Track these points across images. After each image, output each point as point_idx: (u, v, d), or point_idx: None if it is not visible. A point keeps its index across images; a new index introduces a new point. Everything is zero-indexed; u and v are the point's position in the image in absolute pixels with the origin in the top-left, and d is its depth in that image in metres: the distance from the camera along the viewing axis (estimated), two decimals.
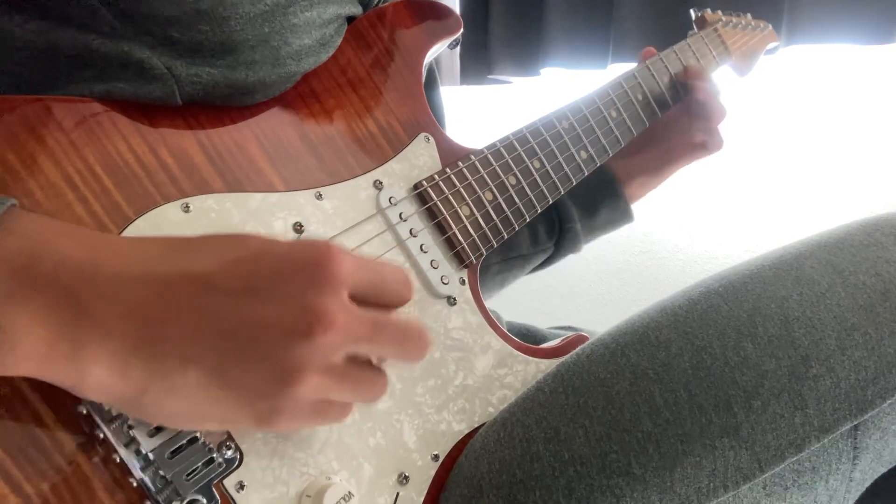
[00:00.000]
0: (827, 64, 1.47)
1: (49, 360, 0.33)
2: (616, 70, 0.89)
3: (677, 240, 1.58)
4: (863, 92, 1.45)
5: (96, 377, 0.33)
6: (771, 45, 1.03)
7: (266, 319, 0.34)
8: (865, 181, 1.42)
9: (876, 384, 0.46)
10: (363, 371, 0.39)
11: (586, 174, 0.70)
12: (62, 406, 0.38)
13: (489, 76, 1.60)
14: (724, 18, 0.93)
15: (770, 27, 1.02)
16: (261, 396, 0.34)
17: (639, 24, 1.40)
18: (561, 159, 0.68)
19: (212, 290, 0.34)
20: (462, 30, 0.67)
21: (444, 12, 0.66)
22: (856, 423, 0.46)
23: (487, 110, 1.78)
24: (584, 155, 0.70)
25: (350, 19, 0.61)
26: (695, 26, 0.92)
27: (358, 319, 0.36)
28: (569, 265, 0.84)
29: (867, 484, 0.52)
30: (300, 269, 0.35)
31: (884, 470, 0.52)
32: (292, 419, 0.36)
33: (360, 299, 0.37)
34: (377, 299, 0.39)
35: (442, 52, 0.68)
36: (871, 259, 0.50)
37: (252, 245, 0.36)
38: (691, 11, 0.93)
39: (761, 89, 1.51)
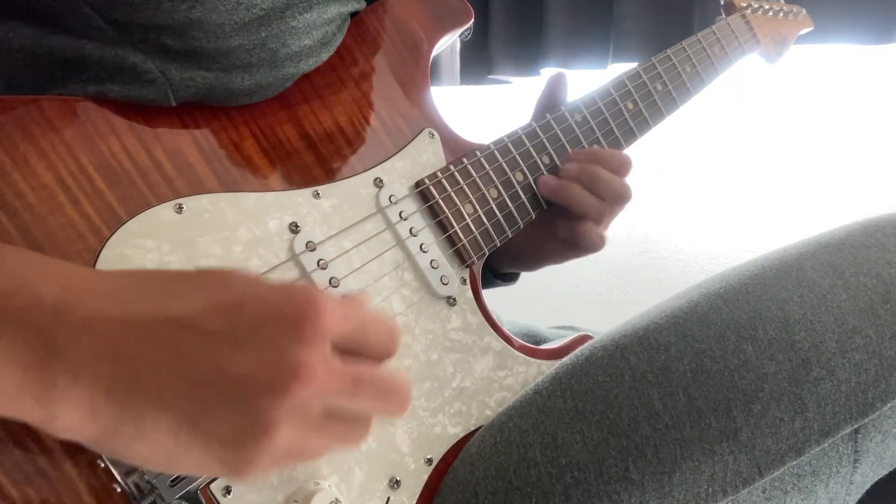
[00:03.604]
0: (827, 64, 1.46)
1: (17, 400, 0.32)
2: (616, 70, 0.87)
3: (677, 240, 1.57)
4: (863, 92, 1.45)
5: (65, 418, 0.32)
6: (804, 31, 0.97)
7: (243, 369, 0.32)
8: (866, 181, 1.42)
9: (877, 387, 0.46)
10: (340, 423, 0.37)
11: None
12: None
13: (489, 76, 1.60)
14: (753, 4, 0.89)
15: (804, 12, 0.97)
16: (232, 448, 0.33)
17: (639, 24, 1.40)
18: None
19: (189, 334, 0.33)
20: (472, 19, 0.65)
21: (453, 2, 0.64)
22: (856, 426, 0.46)
23: (487, 110, 1.77)
24: None
25: (354, 15, 0.60)
26: (722, 12, 0.88)
27: (338, 375, 0.34)
28: (569, 265, 0.83)
29: (867, 486, 0.52)
30: (284, 318, 0.33)
31: (884, 473, 0.52)
32: (265, 469, 0.35)
33: (343, 348, 0.36)
34: (360, 350, 0.37)
35: (442, 52, 0.67)
36: (872, 260, 0.50)
37: (236, 288, 0.34)
38: None
39: (762, 89, 1.50)
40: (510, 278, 0.77)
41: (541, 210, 0.64)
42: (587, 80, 1.51)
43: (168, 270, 0.37)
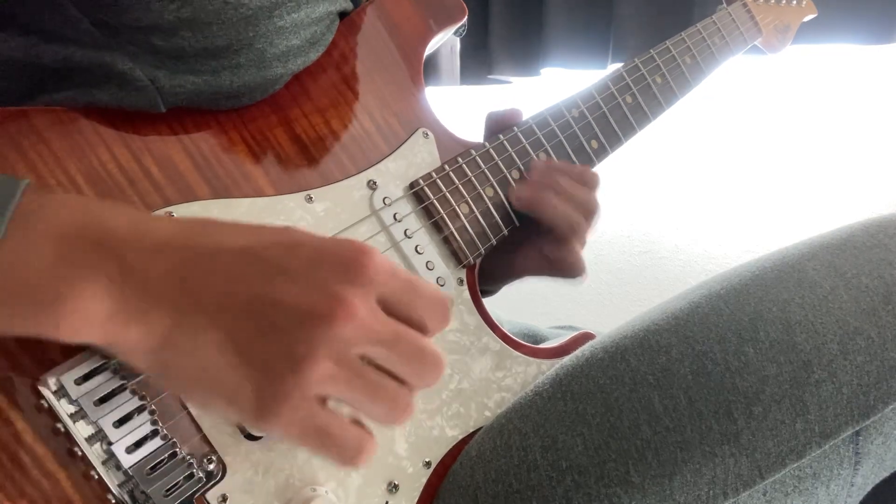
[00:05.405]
0: (827, 64, 1.46)
1: (99, 320, 0.34)
2: None
3: (677, 240, 1.57)
4: (863, 92, 1.45)
5: (133, 332, 0.35)
6: (808, 18, 0.95)
7: (291, 298, 0.35)
8: (868, 182, 1.42)
9: (878, 389, 0.45)
10: (382, 378, 0.37)
11: (597, 164, 0.68)
12: (41, 424, 0.38)
13: (489, 76, 1.60)
14: None
15: None
16: (270, 374, 0.35)
17: (639, 24, 1.40)
18: (570, 150, 0.65)
19: (248, 262, 0.36)
20: (466, 16, 0.64)
21: None
22: (858, 428, 0.46)
23: (487, 110, 1.77)
24: (594, 144, 0.67)
25: (343, 15, 0.59)
26: (723, 0, 0.86)
27: (380, 320, 0.36)
28: None
29: (868, 489, 0.52)
30: (335, 260, 0.36)
31: (885, 475, 0.52)
32: (294, 414, 0.35)
33: (390, 310, 0.37)
34: (406, 314, 0.38)
35: (442, 52, 0.67)
36: (874, 261, 0.49)
37: (294, 233, 0.37)
38: None
39: (761, 89, 1.50)
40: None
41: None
42: (587, 80, 1.50)
43: (229, 220, 0.39)
